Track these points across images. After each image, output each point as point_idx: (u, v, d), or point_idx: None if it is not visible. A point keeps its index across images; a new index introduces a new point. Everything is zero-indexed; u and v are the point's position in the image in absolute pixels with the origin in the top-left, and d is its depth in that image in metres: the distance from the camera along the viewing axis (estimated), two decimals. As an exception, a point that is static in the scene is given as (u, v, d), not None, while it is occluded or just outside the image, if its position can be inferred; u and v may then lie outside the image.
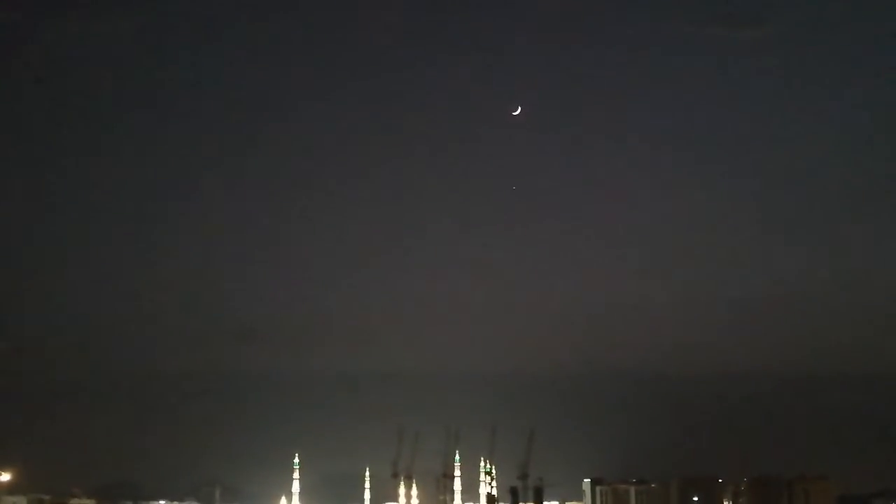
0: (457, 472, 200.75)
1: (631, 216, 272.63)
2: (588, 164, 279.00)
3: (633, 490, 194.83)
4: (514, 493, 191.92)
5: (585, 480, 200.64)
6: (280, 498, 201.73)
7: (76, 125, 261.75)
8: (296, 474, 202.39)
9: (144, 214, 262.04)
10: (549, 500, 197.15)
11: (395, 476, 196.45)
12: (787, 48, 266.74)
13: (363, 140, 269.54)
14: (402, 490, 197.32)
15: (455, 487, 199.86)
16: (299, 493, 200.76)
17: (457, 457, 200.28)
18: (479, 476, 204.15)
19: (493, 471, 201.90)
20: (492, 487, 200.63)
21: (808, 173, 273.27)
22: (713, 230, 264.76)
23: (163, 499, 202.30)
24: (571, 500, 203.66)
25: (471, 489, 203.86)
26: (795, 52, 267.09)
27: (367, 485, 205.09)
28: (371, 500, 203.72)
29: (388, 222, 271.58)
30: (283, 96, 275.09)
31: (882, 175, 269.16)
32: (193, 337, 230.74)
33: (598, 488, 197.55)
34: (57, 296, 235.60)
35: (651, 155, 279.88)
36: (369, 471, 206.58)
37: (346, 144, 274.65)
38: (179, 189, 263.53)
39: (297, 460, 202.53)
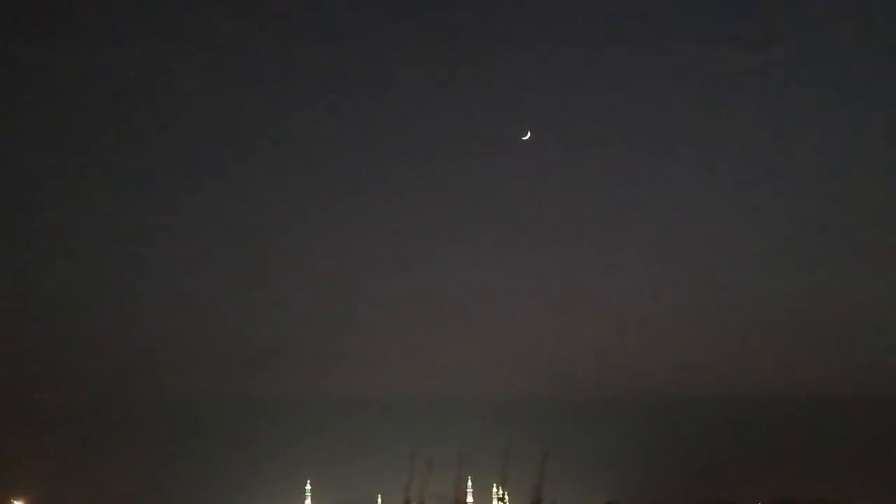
0: (469, 498, 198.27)
1: (646, 236, 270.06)
2: (600, 185, 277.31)
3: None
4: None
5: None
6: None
7: (79, 139, 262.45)
8: (307, 501, 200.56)
9: (151, 236, 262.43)
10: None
11: (408, 502, 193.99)
12: (801, 69, 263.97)
13: (370, 167, 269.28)
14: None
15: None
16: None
17: (469, 482, 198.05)
18: (491, 501, 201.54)
19: (506, 496, 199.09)
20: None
21: (829, 191, 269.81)
22: (733, 248, 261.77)
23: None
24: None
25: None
26: (809, 72, 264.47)
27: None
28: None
29: (397, 245, 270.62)
30: (291, 117, 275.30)
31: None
32: (200, 361, 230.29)
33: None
34: (63, 320, 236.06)
35: (665, 175, 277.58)
36: (381, 497, 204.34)
37: (353, 169, 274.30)
38: (186, 210, 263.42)
39: (308, 487, 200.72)
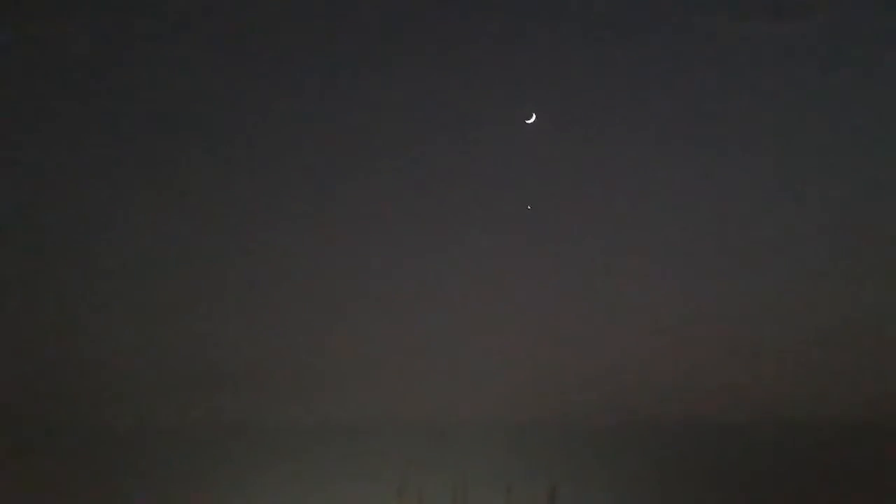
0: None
1: (663, 244, 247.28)
2: (614, 181, 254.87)
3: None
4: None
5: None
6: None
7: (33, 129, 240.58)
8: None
9: (113, 253, 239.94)
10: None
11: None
12: (835, 41, 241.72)
13: (353, 172, 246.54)
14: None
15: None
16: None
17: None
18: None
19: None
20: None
21: (868, 189, 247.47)
22: (774, 247, 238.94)
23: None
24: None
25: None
26: (844, 44, 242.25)
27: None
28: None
29: (384, 252, 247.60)
30: (278, 114, 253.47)
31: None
32: (162, 386, 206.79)
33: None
34: (23, 344, 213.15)
35: (687, 170, 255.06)
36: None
37: (334, 176, 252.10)
38: (152, 228, 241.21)
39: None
